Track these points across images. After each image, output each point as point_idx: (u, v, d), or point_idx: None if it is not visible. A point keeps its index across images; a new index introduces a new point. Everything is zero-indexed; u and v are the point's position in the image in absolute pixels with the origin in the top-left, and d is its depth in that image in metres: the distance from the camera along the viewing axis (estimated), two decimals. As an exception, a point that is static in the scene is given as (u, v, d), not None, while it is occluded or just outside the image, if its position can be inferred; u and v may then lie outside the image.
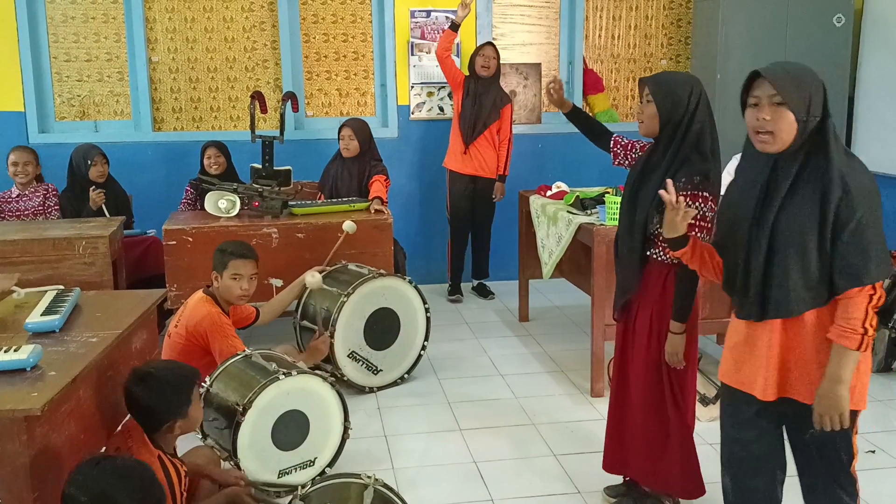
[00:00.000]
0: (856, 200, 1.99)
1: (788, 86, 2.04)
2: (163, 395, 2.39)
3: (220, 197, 4.47)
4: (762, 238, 2.11)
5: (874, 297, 2.03)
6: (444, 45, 5.32)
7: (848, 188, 2.00)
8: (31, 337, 2.47)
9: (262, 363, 3.11)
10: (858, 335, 2.03)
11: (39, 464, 2.01)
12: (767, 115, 2.06)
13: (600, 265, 3.75)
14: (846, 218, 2.00)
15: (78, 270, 3.90)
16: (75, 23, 5.61)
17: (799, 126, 2.05)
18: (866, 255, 2.00)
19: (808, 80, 2.07)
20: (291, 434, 3.03)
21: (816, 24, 5.56)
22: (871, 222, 2.00)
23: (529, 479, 3.18)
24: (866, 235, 2.00)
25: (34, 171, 4.75)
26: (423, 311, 4.14)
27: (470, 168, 5.40)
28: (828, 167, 2.03)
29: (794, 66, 2.11)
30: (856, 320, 2.03)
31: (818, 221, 2.03)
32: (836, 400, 2.07)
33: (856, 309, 2.03)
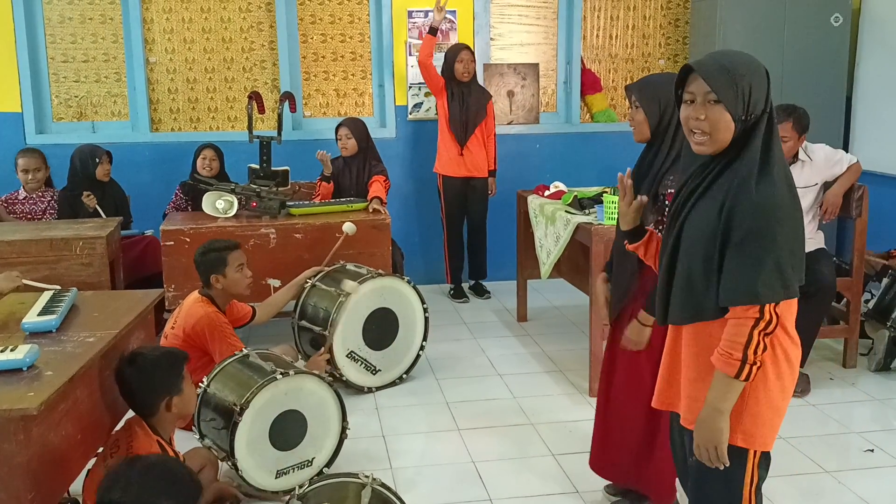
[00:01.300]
0: (748, 212, 1.79)
1: (724, 82, 1.83)
2: (154, 373, 2.43)
3: (217, 197, 4.47)
4: (670, 240, 1.98)
5: (761, 321, 1.80)
6: (427, 50, 5.30)
7: (744, 197, 1.80)
8: (28, 337, 2.47)
9: (259, 363, 3.11)
10: (736, 361, 1.81)
11: (36, 464, 2.01)
12: (702, 114, 1.87)
13: (598, 265, 3.74)
14: (737, 227, 1.81)
15: (75, 271, 3.90)
16: (72, 23, 5.61)
17: (737, 126, 1.85)
18: (753, 273, 1.78)
19: (747, 75, 1.84)
20: (289, 434, 3.02)
21: (814, 24, 5.56)
22: (764, 238, 1.78)
23: (528, 478, 3.18)
24: (755, 251, 1.79)
25: (44, 175, 4.76)
26: (422, 312, 4.14)
27: (464, 170, 5.41)
28: (737, 171, 1.84)
29: (733, 57, 1.89)
30: (737, 345, 1.81)
31: (715, 229, 1.85)
32: (712, 431, 1.87)
33: (738, 332, 1.81)
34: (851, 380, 4.12)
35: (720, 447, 1.89)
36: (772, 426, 1.94)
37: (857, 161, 4.08)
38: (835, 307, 4.28)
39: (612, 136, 5.96)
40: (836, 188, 4.02)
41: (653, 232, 2.31)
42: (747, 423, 1.91)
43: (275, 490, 2.99)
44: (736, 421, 1.90)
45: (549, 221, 4.32)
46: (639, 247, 2.29)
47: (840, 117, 5.71)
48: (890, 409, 3.81)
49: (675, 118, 2.54)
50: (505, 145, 6.00)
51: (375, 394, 4.02)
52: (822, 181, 4.05)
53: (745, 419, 1.90)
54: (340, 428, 3.16)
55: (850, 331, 4.23)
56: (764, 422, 1.92)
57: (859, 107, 5.72)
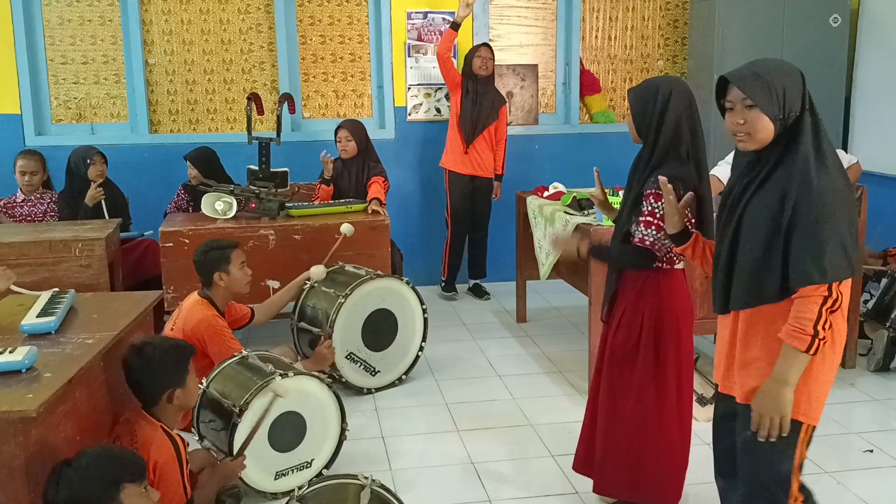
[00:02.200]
0: (812, 198, 1.95)
1: (757, 88, 2.03)
2: (160, 364, 2.46)
3: (216, 198, 4.47)
4: (729, 231, 2.12)
5: (829, 298, 1.95)
6: (446, 44, 5.33)
7: (807, 185, 1.96)
8: (27, 339, 2.47)
9: (258, 364, 3.10)
10: (808, 336, 1.96)
11: (35, 465, 2.00)
12: (741, 118, 2.06)
13: (597, 266, 3.74)
14: (802, 215, 1.96)
15: (74, 273, 3.90)
16: (71, 25, 5.61)
17: (776, 124, 2.03)
18: (820, 254, 1.94)
19: (779, 78, 2.04)
20: (288, 435, 3.02)
21: (813, 25, 5.56)
22: (828, 221, 1.95)
23: (527, 479, 3.18)
24: (821, 234, 1.94)
25: (40, 179, 4.76)
26: (421, 313, 4.14)
27: (469, 168, 5.41)
28: (794, 164, 2.00)
29: (764, 63, 2.09)
30: (807, 321, 1.96)
31: (777, 218, 2.00)
32: (778, 403, 2.01)
33: (808, 309, 1.96)
34: (851, 380, 4.12)
35: (785, 418, 2.02)
36: (822, 401, 2.10)
37: (857, 161, 4.09)
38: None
39: (611, 136, 5.96)
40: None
41: (698, 234, 2.40)
42: (804, 398, 2.04)
43: (273, 492, 3.00)
44: (797, 396, 2.02)
45: (549, 222, 4.32)
46: (686, 248, 2.40)
47: (839, 118, 5.71)
48: (889, 409, 3.81)
49: (655, 122, 2.59)
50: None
51: (375, 395, 4.02)
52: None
53: (803, 395, 2.04)
54: (340, 429, 3.16)
55: (849, 331, 4.20)
56: (817, 396, 2.07)
57: (858, 107, 5.72)
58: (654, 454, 2.75)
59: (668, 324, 2.68)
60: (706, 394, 3.69)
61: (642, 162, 2.66)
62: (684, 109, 2.61)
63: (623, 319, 2.73)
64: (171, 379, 2.49)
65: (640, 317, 2.69)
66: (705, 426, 3.51)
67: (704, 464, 2.83)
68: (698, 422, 3.49)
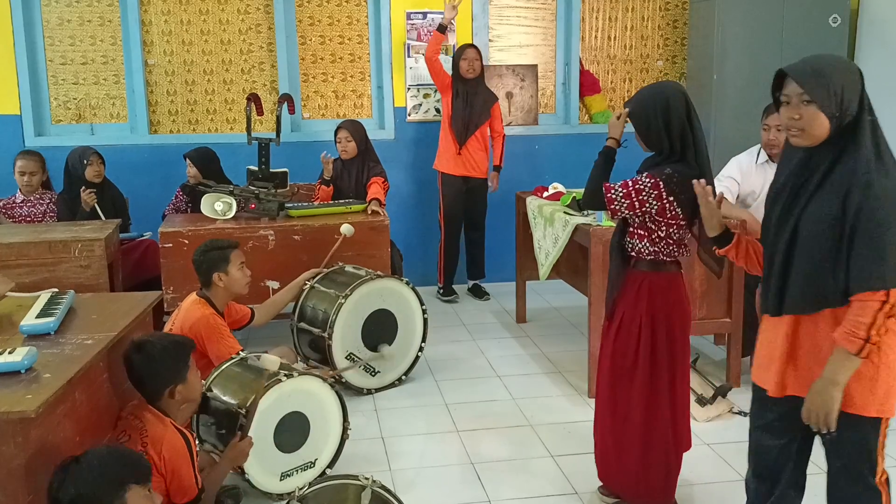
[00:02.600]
0: (876, 202, 1.93)
1: (815, 83, 2.01)
2: (161, 360, 2.49)
3: (216, 199, 4.47)
4: (785, 233, 2.09)
5: (887, 304, 1.93)
6: (434, 47, 5.33)
7: (870, 189, 1.93)
8: (26, 339, 2.46)
9: (258, 365, 3.09)
10: (860, 340, 1.95)
11: (34, 466, 2.00)
12: (797, 113, 2.04)
13: (597, 266, 3.75)
14: (865, 219, 1.94)
15: (74, 273, 3.89)
16: (71, 26, 5.61)
17: (831, 122, 2.01)
18: (882, 259, 1.92)
19: (838, 75, 2.01)
20: (292, 436, 3.02)
21: (812, 25, 5.56)
22: (891, 227, 1.92)
23: (527, 480, 3.18)
24: (884, 239, 1.92)
25: (39, 180, 4.76)
26: (421, 313, 4.14)
27: (462, 169, 5.41)
28: (855, 166, 1.97)
29: (824, 60, 2.07)
30: (861, 325, 1.95)
31: (839, 220, 1.97)
32: (826, 399, 2.03)
33: (863, 313, 1.95)
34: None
35: (831, 415, 2.03)
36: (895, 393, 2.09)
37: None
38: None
39: (610, 137, 5.96)
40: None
41: (740, 235, 2.37)
42: (881, 394, 2.05)
43: (280, 492, 2.99)
44: (870, 395, 2.04)
45: (548, 223, 4.32)
46: (729, 250, 2.37)
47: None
48: (889, 409, 3.80)
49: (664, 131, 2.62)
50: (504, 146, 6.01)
51: (375, 395, 4.02)
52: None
53: (879, 391, 2.05)
54: (342, 429, 3.15)
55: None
56: (891, 391, 2.07)
57: (858, 107, 5.72)
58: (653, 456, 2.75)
59: (664, 325, 2.69)
60: (706, 394, 3.68)
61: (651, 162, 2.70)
62: (684, 113, 2.63)
63: (623, 322, 2.74)
64: (172, 374, 2.52)
65: (638, 319, 2.70)
66: (705, 426, 3.52)
67: (704, 463, 2.83)
68: (697, 422, 3.49)
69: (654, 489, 2.78)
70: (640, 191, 2.60)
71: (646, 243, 2.66)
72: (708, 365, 4.19)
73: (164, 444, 2.40)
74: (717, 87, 5.56)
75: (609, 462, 2.87)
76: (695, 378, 3.62)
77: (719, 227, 2.34)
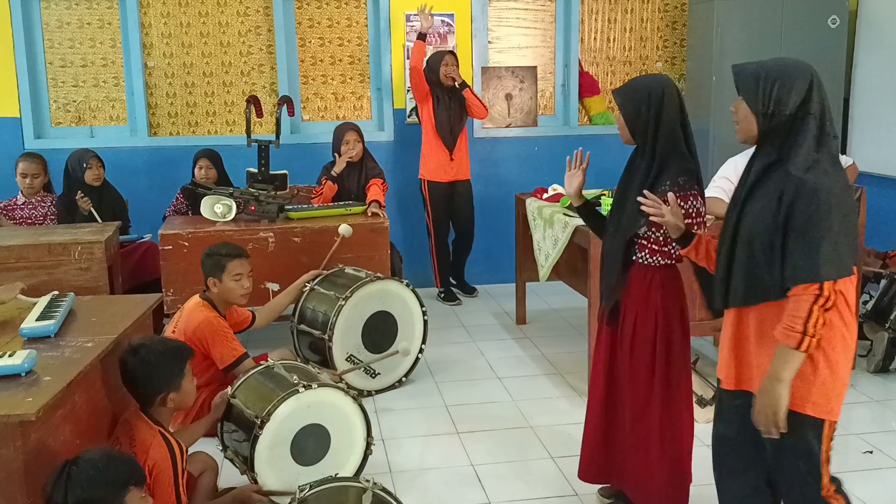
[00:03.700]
0: (808, 198, 1.97)
1: (747, 80, 2.09)
2: (156, 366, 2.45)
3: (216, 201, 4.46)
4: (729, 229, 2.16)
5: (821, 297, 1.97)
6: (419, 56, 5.31)
7: (803, 186, 1.99)
8: (27, 342, 2.47)
9: (283, 374, 3.05)
10: (797, 334, 1.98)
11: (34, 469, 2.00)
12: (734, 107, 2.15)
13: (597, 267, 3.72)
14: (798, 215, 1.98)
15: (74, 276, 3.89)
16: (71, 28, 5.61)
17: (758, 118, 2.08)
18: (814, 253, 1.96)
19: (776, 74, 2.06)
20: (312, 448, 2.95)
21: (811, 26, 5.56)
22: (822, 221, 1.97)
23: (526, 481, 3.18)
24: (814, 234, 1.97)
25: (41, 182, 4.76)
26: (421, 315, 4.14)
27: (451, 175, 5.44)
28: (791, 164, 2.03)
29: (772, 61, 2.12)
30: (797, 319, 1.98)
31: (775, 217, 2.02)
32: (772, 398, 2.04)
33: (799, 307, 1.99)
34: (850, 381, 4.10)
35: (779, 413, 2.04)
36: (839, 396, 2.10)
37: (854, 163, 4.09)
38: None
39: (610, 138, 5.93)
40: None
41: (701, 236, 2.43)
42: (817, 392, 2.06)
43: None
44: (806, 392, 2.06)
45: (548, 224, 4.32)
46: (690, 251, 2.44)
47: (838, 119, 5.71)
48: (889, 410, 3.81)
49: (652, 121, 2.58)
50: (503, 148, 6.02)
51: (375, 397, 4.02)
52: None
53: (815, 390, 2.06)
54: (365, 443, 3.08)
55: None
56: (831, 391, 2.08)
57: (857, 108, 5.72)
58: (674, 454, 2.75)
59: (672, 323, 2.67)
60: (706, 395, 3.69)
61: (644, 163, 2.63)
62: (676, 107, 2.61)
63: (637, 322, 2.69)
64: (165, 382, 2.47)
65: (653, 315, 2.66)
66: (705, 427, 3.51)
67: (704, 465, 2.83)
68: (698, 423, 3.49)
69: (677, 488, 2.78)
70: (700, 212, 2.56)
71: (656, 252, 2.65)
72: (708, 366, 4.18)
73: (151, 451, 2.37)
74: (716, 88, 5.57)
75: (615, 464, 2.85)
76: (695, 379, 3.61)
77: (678, 231, 2.42)
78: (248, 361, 3.44)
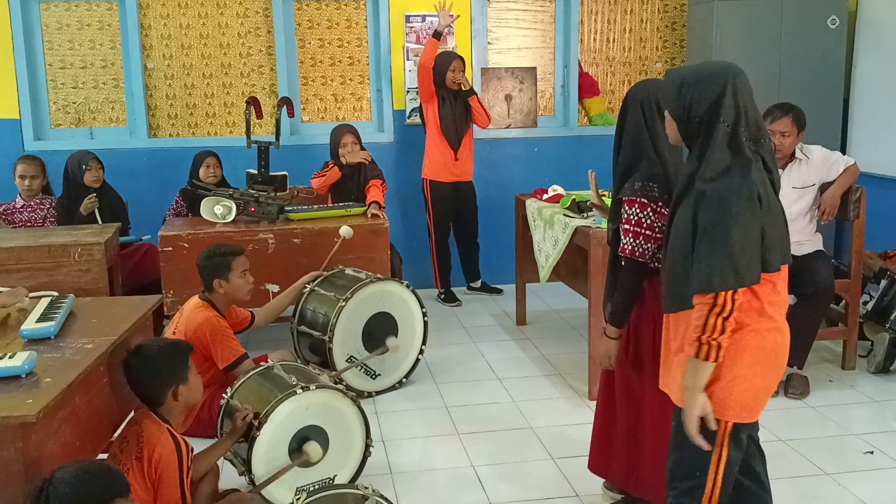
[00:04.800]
0: (706, 208, 1.98)
1: (670, 86, 2.11)
2: (160, 362, 2.49)
3: (216, 203, 4.46)
4: (666, 239, 2.17)
5: (716, 307, 1.96)
6: (431, 54, 5.31)
7: (703, 195, 2.00)
8: (27, 344, 2.47)
9: (282, 375, 3.05)
10: (696, 343, 1.99)
11: (34, 471, 2.00)
12: (667, 112, 2.17)
13: (597, 268, 3.75)
14: (700, 225, 2.00)
15: (74, 277, 3.90)
16: (70, 30, 5.61)
17: (679, 126, 2.11)
18: (707, 263, 1.97)
19: (694, 80, 2.06)
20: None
21: (810, 26, 5.57)
22: (716, 230, 1.96)
23: (527, 483, 3.18)
24: (709, 243, 1.97)
25: (40, 184, 4.76)
26: (421, 316, 4.14)
27: (454, 175, 5.45)
28: (699, 173, 2.03)
29: (697, 66, 2.14)
30: (697, 328, 1.99)
31: (686, 225, 2.03)
32: (687, 407, 2.06)
33: (697, 316, 1.99)
34: (850, 382, 4.12)
35: (693, 422, 2.06)
36: (741, 401, 2.08)
37: (855, 163, 4.09)
38: (833, 309, 4.28)
39: (609, 139, 5.80)
40: (834, 189, 4.03)
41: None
42: (718, 393, 2.06)
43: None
44: (708, 392, 2.05)
45: (548, 225, 4.32)
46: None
47: (837, 119, 5.71)
48: (889, 410, 3.80)
49: (620, 125, 2.68)
50: (503, 149, 6.02)
51: (375, 398, 4.02)
52: (820, 182, 4.05)
53: (715, 389, 2.06)
54: (364, 445, 3.08)
55: (848, 333, 4.23)
56: (737, 395, 2.07)
57: (856, 109, 5.72)
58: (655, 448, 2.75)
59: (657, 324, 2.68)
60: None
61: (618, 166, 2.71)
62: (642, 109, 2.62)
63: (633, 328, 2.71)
64: (173, 376, 2.51)
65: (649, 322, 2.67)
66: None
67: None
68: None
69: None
70: (640, 222, 2.54)
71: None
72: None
73: (158, 447, 2.39)
74: (715, 88, 5.56)
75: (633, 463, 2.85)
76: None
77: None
78: (248, 362, 3.44)
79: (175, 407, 2.54)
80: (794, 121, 3.92)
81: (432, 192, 5.48)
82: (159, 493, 2.38)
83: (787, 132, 3.91)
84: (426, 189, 5.50)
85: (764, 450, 2.37)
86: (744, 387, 2.07)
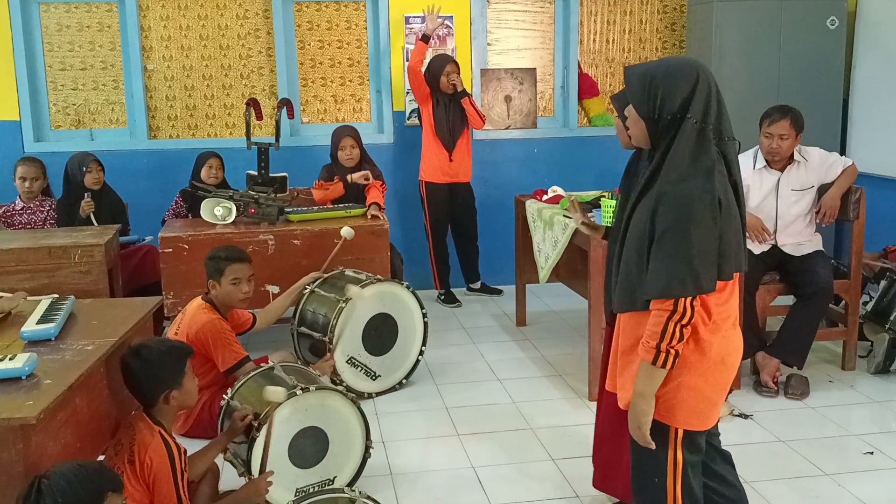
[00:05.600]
0: (667, 210, 1.92)
1: (635, 84, 2.01)
2: (157, 365, 2.48)
3: (216, 204, 4.47)
4: (619, 235, 2.12)
5: (675, 313, 1.91)
6: (419, 58, 5.33)
7: (664, 197, 1.93)
8: (27, 345, 2.47)
9: (282, 377, 3.05)
10: (653, 350, 1.95)
11: (35, 472, 1.99)
12: (626, 111, 2.06)
13: (597, 269, 3.75)
14: (658, 228, 1.93)
15: (74, 279, 3.89)
16: (70, 31, 5.62)
17: (648, 125, 2.01)
18: (666, 268, 1.91)
19: (661, 77, 1.97)
20: (309, 451, 2.94)
21: (810, 27, 5.57)
22: (677, 234, 1.90)
23: (527, 484, 3.18)
24: (669, 248, 1.91)
25: (40, 186, 4.76)
26: (421, 317, 4.14)
27: (450, 176, 5.45)
28: (663, 171, 1.96)
29: (661, 62, 2.05)
30: (655, 334, 1.94)
31: (644, 226, 1.98)
32: (636, 413, 2.04)
33: (656, 323, 1.94)
34: (850, 382, 4.12)
35: (643, 428, 2.04)
36: (688, 407, 2.05)
37: (853, 163, 4.09)
38: (833, 309, 4.28)
39: (609, 140, 5.97)
40: (834, 191, 4.03)
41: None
42: (664, 399, 2.04)
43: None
44: (657, 399, 2.03)
45: (548, 226, 4.32)
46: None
47: (837, 120, 5.72)
48: (889, 411, 3.81)
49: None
50: (502, 150, 6.02)
51: (375, 399, 4.02)
52: (819, 183, 4.06)
53: (663, 396, 2.04)
54: (364, 446, 3.08)
55: (848, 333, 4.23)
56: (682, 401, 2.04)
57: (856, 109, 5.73)
58: None
59: None
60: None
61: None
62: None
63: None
64: (167, 380, 2.50)
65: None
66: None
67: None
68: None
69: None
70: None
71: None
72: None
73: (150, 450, 2.39)
74: (715, 89, 5.56)
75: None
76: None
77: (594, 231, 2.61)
78: (249, 365, 3.44)
79: (167, 409, 2.53)
80: (793, 123, 3.92)
81: (428, 194, 5.49)
82: (155, 497, 2.38)
83: (785, 135, 3.91)
84: (422, 190, 5.51)
85: (728, 450, 2.35)
86: (690, 394, 2.04)
